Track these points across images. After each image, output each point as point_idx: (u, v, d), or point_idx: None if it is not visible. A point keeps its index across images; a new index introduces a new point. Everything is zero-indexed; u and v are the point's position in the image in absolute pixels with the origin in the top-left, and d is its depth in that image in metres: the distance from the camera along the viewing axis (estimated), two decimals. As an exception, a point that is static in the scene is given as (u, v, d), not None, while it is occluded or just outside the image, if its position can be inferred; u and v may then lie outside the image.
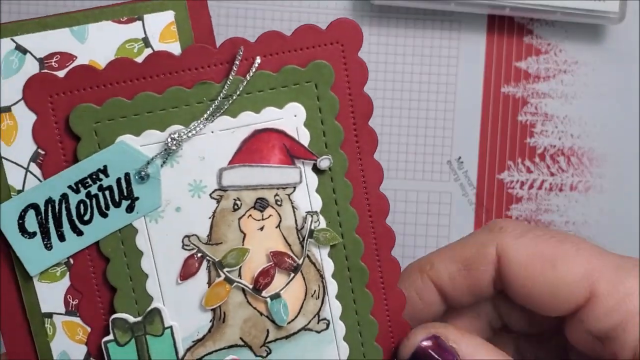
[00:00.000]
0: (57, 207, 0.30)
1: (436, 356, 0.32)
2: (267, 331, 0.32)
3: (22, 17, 0.53)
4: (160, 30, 0.30)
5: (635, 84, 0.55)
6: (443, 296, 0.34)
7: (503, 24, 0.55)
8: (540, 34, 0.55)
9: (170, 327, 0.31)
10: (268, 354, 0.32)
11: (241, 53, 0.30)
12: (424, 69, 0.55)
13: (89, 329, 0.31)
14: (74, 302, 0.31)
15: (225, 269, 0.31)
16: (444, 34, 0.55)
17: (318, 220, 0.32)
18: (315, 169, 0.31)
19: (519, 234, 0.33)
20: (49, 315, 0.31)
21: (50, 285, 0.31)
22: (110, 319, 0.31)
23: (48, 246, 0.30)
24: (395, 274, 0.33)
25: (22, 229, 0.30)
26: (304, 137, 0.31)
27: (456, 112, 0.55)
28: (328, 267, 0.32)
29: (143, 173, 0.30)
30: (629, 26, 0.55)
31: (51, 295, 0.31)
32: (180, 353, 0.31)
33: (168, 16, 0.30)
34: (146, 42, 0.30)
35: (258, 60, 0.30)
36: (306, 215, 0.32)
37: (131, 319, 0.31)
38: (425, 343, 0.32)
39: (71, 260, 0.31)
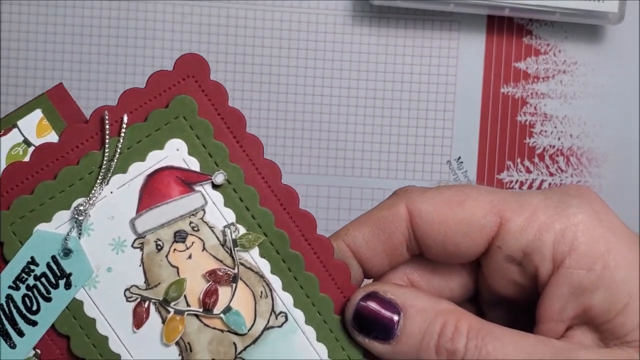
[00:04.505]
0: (6, 308, 0.41)
1: (377, 308, 0.42)
2: (234, 344, 0.42)
3: (23, 17, 0.64)
4: (34, 129, 0.42)
5: (635, 84, 0.66)
6: (360, 261, 0.44)
7: (502, 25, 0.66)
8: (539, 35, 0.66)
9: (146, 374, 0.41)
10: (244, 363, 0.42)
11: (107, 117, 0.42)
12: (424, 69, 0.66)
13: (77, 404, 0.41)
14: None
15: (172, 304, 0.42)
16: (444, 35, 0.66)
17: (237, 229, 0.42)
18: (216, 187, 0.42)
19: (424, 191, 0.43)
20: None
21: None
22: None
23: (12, 345, 0.41)
24: (328, 249, 0.43)
25: (-16, 340, 0.40)
26: (193, 165, 0.42)
27: (456, 112, 0.66)
28: (264, 266, 0.43)
29: (66, 249, 0.41)
30: (628, 26, 0.66)
31: None
32: (162, 393, 0.42)
33: (37, 114, 0.42)
34: (27, 142, 0.41)
35: (125, 117, 0.42)
36: (224, 229, 0.42)
37: None
38: (364, 302, 0.42)
39: (38, 351, 0.41)
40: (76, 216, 0.41)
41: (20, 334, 0.41)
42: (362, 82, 0.66)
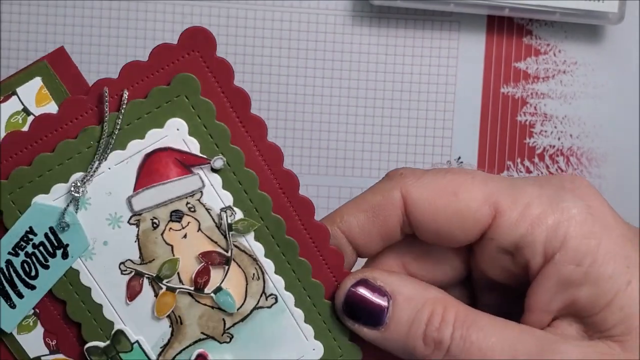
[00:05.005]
0: (6, 272, 0.42)
1: (367, 295, 0.43)
2: (223, 320, 0.44)
3: (23, 17, 0.65)
4: (34, 97, 0.43)
5: (635, 84, 0.67)
6: (355, 246, 0.45)
7: (502, 25, 0.67)
8: (539, 35, 0.67)
9: (137, 342, 0.43)
10: (231, 338, 0.44)
11: (107, 93, 0.43)
12: (424, 69, 0.67)
13: (73, 361, 0.44)
14: (53, 343, 0.44)
15: (164, 281, 0.43)
16: (444, 35, 0.67)
17: (234, 213, 0.43)
18: (215, 169, 0.43)
19: (419, 177, 0.44)
20: (38, 358, 0.44)
21: (29, 335, 0.44)
22: (84, 349, 0.43)
23: (12, 306, 0.43)
24: (325, 236, 0.44)
25: (-13, 299, 0.42)
26: (193, 146, 0.43)
27: (456, 112, 0.67)
28: (258, 249, 0.44)
29: (63, 223, 0.42)
30: (628, 26, 0.67)
31: (33, 343, 0.44)
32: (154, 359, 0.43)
33: (36, 82, 0.43)
34: (26, 111, 0.43)
35: (126, 93, 0.43)
36: (220, 212, 0.43)
37: (101, 344, 0.43)
38: (354, 288, 0.43)
39: (37, 310, 0.43)
40: (74, 193, 0.42)
41: (20, 295, 0.43)
42: (362, 82, 0.68)
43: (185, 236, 0.43)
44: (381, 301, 0.43)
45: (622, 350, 0.40)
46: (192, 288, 0.43)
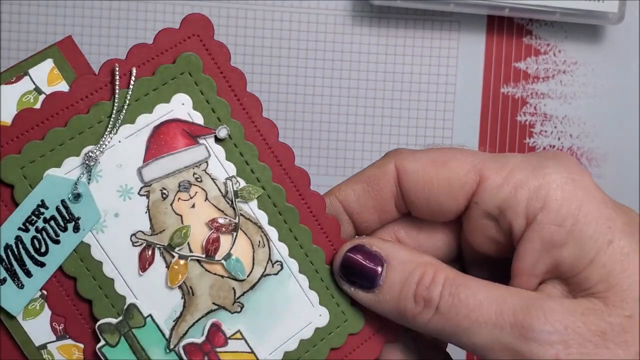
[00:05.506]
0: (15, 249, 0.43)
1: (362, 259, 0.46)
2: (233, 289, 0.45)
3: (23, 17, 0.67)
4: (46, 77, 0.45)
5: (635, 84, 0.69)
6: (351, 216, 0.48)
7: (502, 25, 0.69)
8: (539, 35, 0.69)
9: (150, 316, 0.44)
10: (242, 307, 0.45)
11: (117, 70, 0.45)
12: (424, 70, 0.69)
13: (82, 346, 0.44)
14: (60, 327, 0.44)
15: (176, 249, 0.44)
16: (444, 35, 0.69)
17: (237, 182, 0.45)
18: (218, 140, 0.45)
19: (413, 152, 0.47)
20: (43, 346, 0.44)
21: (34, 320, 0.44)
22: (96, 327, 0.44)
23: (20, 286, 0.43)
24: (321, 204, 0.47)
25: (-6, 280, 0.43)
26: (197, 119, 0.45)
27: (455, 112, 0.69)
28: (262, 217, 0.46)
29: (75, 193, 0.44)
30: (628, 26, 0.69)
31: (39, 328, 0.44)
32: (167, 334, 0.45)
33: (48, 63, 0.45)
34: (38, 90, 0.45)
35: (134, 71, 0.45)
36: (226, 181, 0.45)
37: (114, 320, 0.44)
38: (350, 253, 0.46)
39: (44, 292, 0.44)
40: (86, 162, 0.44)
41: (28, 274, 0.43)
42: (362, 82, 0.69)
43: (193, 206, 0.45)
44: (376, 265, 0.45)
45: (604, 306, 0.42)
46: (203, 256, 0.45)
